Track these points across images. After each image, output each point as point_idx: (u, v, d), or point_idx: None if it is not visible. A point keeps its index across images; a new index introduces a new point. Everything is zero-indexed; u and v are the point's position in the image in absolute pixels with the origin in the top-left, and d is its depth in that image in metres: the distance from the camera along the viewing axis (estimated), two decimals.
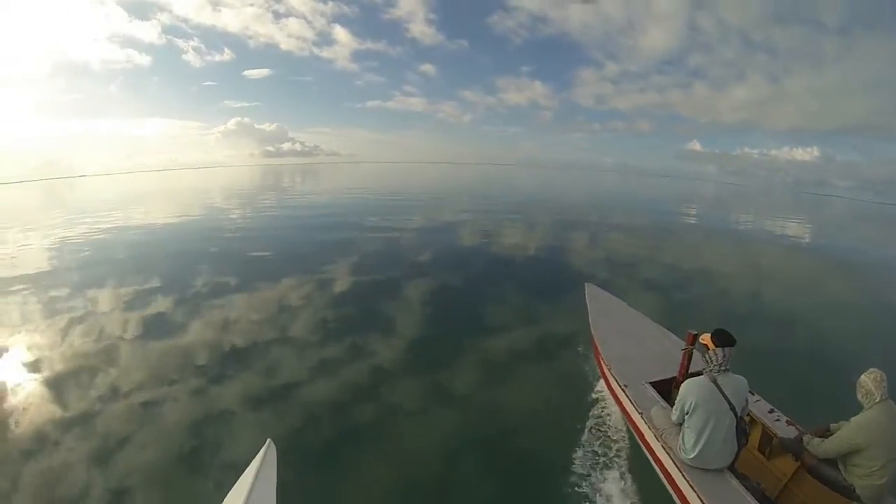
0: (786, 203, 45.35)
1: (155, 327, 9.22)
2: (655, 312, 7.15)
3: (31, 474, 5.22)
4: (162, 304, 10.53)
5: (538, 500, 4.68)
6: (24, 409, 6.51)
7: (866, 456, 3.33)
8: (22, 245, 19.34)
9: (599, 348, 5.92)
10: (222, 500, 3.81)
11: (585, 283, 7.84)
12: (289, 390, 6.76)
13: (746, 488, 3.54)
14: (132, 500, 4.80)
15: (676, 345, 5.35)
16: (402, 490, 4.84)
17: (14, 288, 12.23)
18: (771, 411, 4.43)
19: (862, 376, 3.50)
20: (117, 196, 46.14)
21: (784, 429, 4.17)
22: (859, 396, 3.49)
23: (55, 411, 6.41)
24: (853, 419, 3.50)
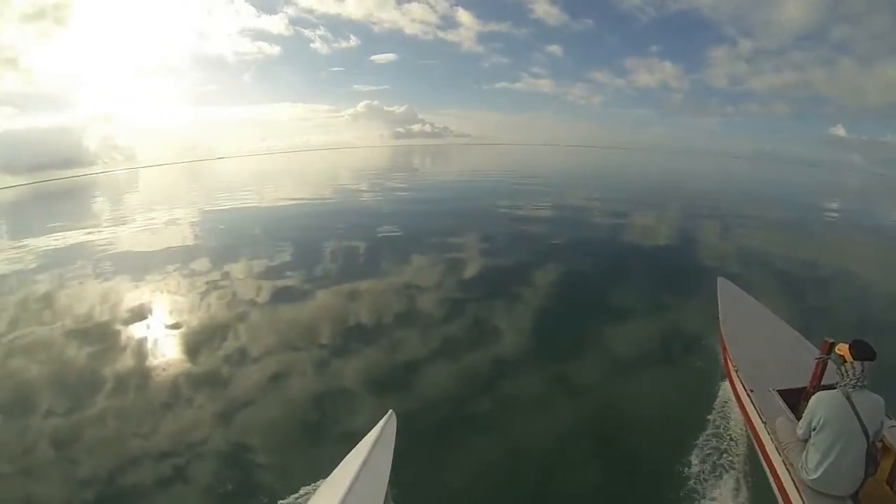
0: None
1: (284, 299, 10.12)
2: (790, 314, 6.43)
3: (167, 423, 6.05)
4: (291, 277, 11.52)
5: (645, 500, 4.54)
6: (164, 367, 7.53)
7: None
8: (168, 220, 22.45)
9: (728, 347, 5.55)
10: (341, 461, 4.31)
11: (718, 277, 7.36)
12: (410, 367, 7.09)
13: None
14: (254, 453, 5.38)
15: (810, 352, 4.81)
16: (509, 475, 4.93)
17: (159, 257, 14.22)
18: None
19: None
20: (252, 176, 51.01)
21: None
22: None
23: (190, 370, 7.36)
24: None
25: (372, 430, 4.53)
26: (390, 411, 4.80)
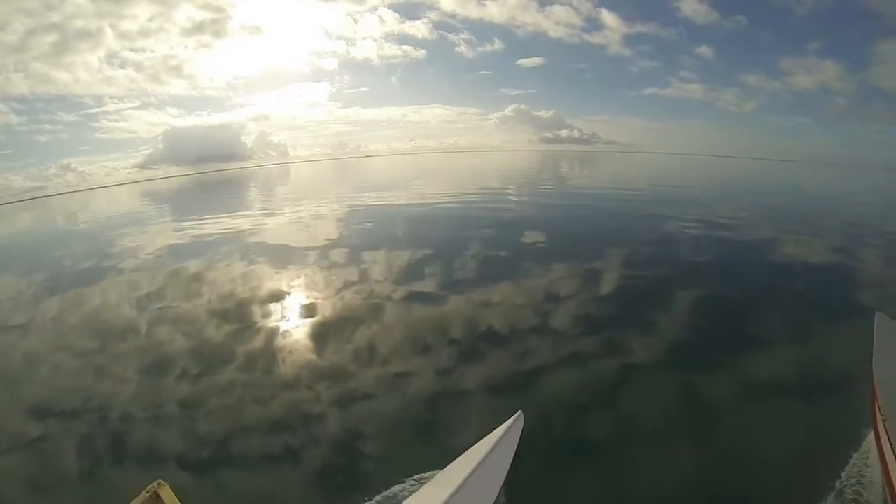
0: None
1: (419, 298, 10.36)
2: None
3: (282, 403, 6.58)
4: (428, 277, 11.74)
5: None
6: (290, 351, 8.15)
7: None
8: (314, 213, 24.24)
9: (878, 392, 4.98)
10: (464, 452, 4.52)
11: (876, 313, 6.52)
12: (538, 378, 7.05)
13: None
14: (370, 440, 5.70)
15: None
16: (619, 500, 4.84)
17: (302, 248, 15.06)
18: None
19: None
20: (399, 174, 52.47)
21: None
22: None
23: (317, 357, 7.89)
24: None
25: (498, 428, 4.65)
26: (519, 412, 4.87)
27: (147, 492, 2.67)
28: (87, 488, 5.25)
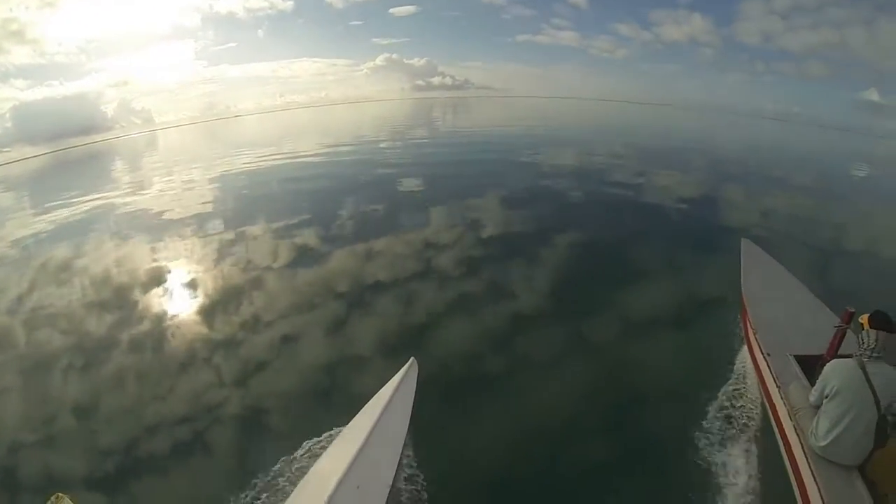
0: None
1: (302, 258, 10.25)
2: (813, 281, 6.28)
3: (185, 385, 6.28)
4: (308, 236, 11.63)
5: (658, 463, 4.60)
6: (183, 331, 7.73)
7: None
8: (186, 179, 22.79)
9: (748, 309, 5.49)
10: (362, 408, 4.47)
11: (742, 239, 7.22)
12: (429, 323, 7.25)
13: (872, 495, 3.16)
14: (274, 407, 5.63)
15: (830, 320, 4.68)
16: (523, 428, 5.08)
17: (176, 221, 14.37)
18: None
19: None
20: (271, 132, 50.38)
21: None
22: None
23: (208, 333, 7.55)
24: None
25: (393, 377, 4.69)
26: (412, 359, 4.95)
27: None
28: None
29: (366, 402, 4.53)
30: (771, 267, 6.52)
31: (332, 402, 5.55)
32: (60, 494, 2.52)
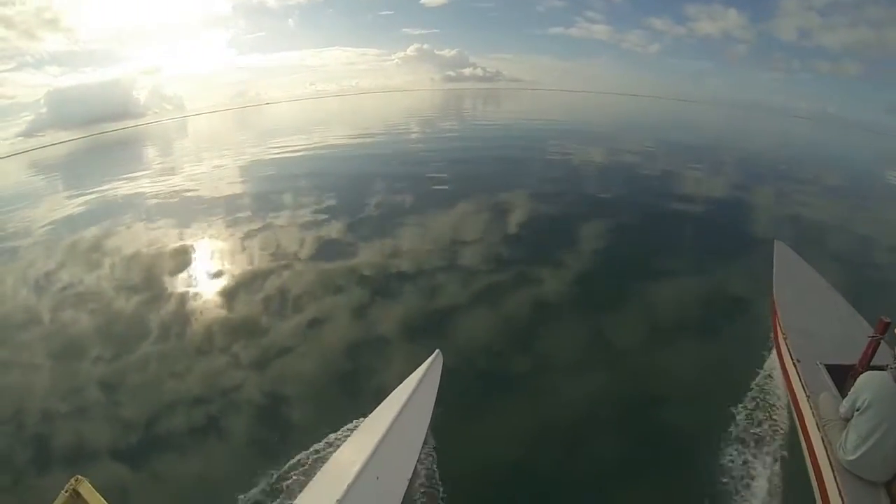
0: None
1: (328, 245, 10.35)
2: (847, 288, 6.07)
3: (205, 368, 6.41)
4: (336, 224, 11.71)
5: (679, 465, 4.53)
6: (203, 310, 7.97)
7: None
8: (216, 165, 23.10)
9: (779, 314, 5.36)
10: (385, 398, 4.55)
11: (775, 241, 7.00)
12: (454, 316, 7.23)
13: None
14: (295, 396, 5.70)
15: (864, 330, 4.56)
16: (544, 424, 5.07)
17: (205, 206, 14.61)
18: None
19: None
20: (300, 120, 50.67)
21: None
22: None
23: (233, 317, 7.67)
24: None
25: (418, 369, 4.71)
26: (437, 351, 4.96)
27: (66, 491, 2.43)
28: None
29: (389, 393, 4.57)
30: (804, 271, 6.35)
31: (355, 391, 5.60)
32: (80, 477, 2.51)
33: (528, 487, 4.40)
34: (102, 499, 2.50)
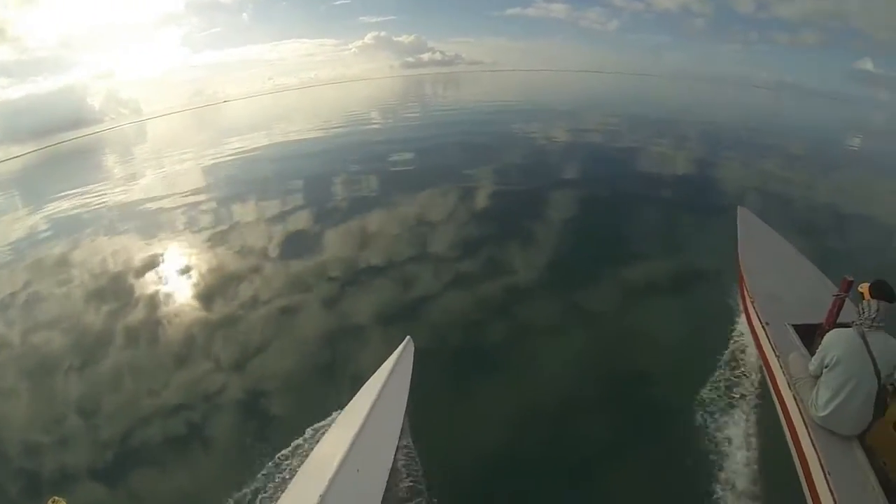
0: None
1: (295, 240, 10.22)
2: (810, 250, 6.22)
3: (180, 374, 6.30)
4: (302, 218, 11.58)
5: (657, 433, 4.63)
6: (174, 315, 7.80)
7: None
8: (177, 169, 22.49)
9: (745, 278, 5.45)
10: (359, 390, 4.50)
11: (738, 207, 7.08)
12: (425, 300, 7.25)
13: (871, 466, 3.16)
14: (273, 393, 5.66)
15: (828, 289, 4.66)
16: (522, 404, 5.08)
17: (169, 210, 14.27)
18: None
19: None
20: (260, 117, 49.88)
21: None
22: None
23: (205, 319, 7.54)
24: None
25: (389, 357, 4.68)
26: (408, 337, 4.94)
27: None
28: None
29: (363, 383, 4.54)
30: (768, 235, 6.45)
31: (332, 384, 5.55)
32: (57, 498, 2.49)
33: (511, 467, 4.42)
34: None
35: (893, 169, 19.25)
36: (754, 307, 5.00)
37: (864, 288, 3.38)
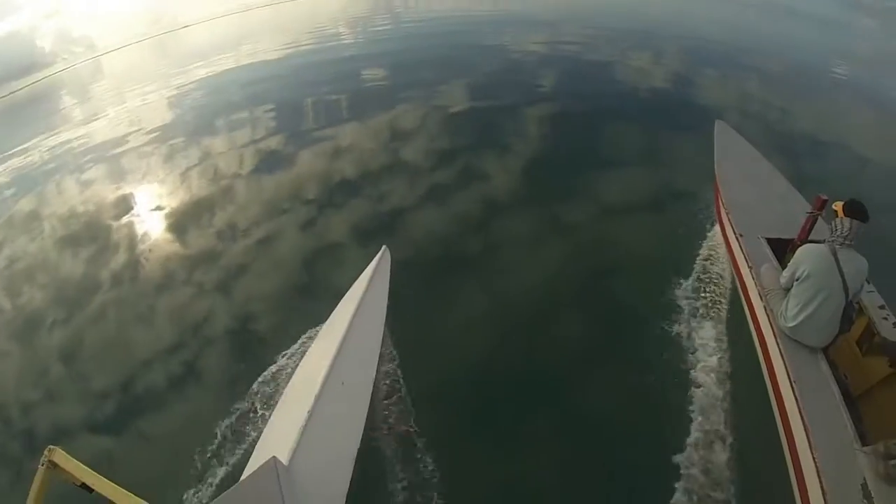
0: None
1: (268, 165, 10.08)
2: (786, 167, 6.20)
3: (163, 305, 6.43)
4: (274, 142, 11.30)
5: (633, 338, 4.82)
6: (153, 251, 7.84)
7: None
8: (138, 102, 21.44)
9: (721, 190, 5.47)
10: (340, 300, 4.63)
11: (716, 120, 6.94)
12: (402, 213, 7.29)
13: (834, 377, 3.33)
14: (259, 315, 5.77)
15: (802, 206, 4.72)
16: (500, 309, 5.25)
17: (138, 146, 13.86)
18: (881, 307, 3.90)
19: None
20: (224, 40, 46.90)
21: (889, 330, 3.68)
22: None
23: (185, 252, 7.61)
24: None
25: (367, 268, 4.77)
26: (384, 247, 5.07)
27: (42, 465, 2.39)
28: None
29: (342, 297, 4.62)
30: (745, 149, 6.42)
31: (313, 299, 5.69)
32: (52, 447, 2.50)
33: (489, 374, 4.59)
34: (80, 464, 2.51)
35: (877, 99, 19.11)
36: (729, 218, 5.05)
37: (838, 206, 3.41)
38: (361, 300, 4.22)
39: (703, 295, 5.12)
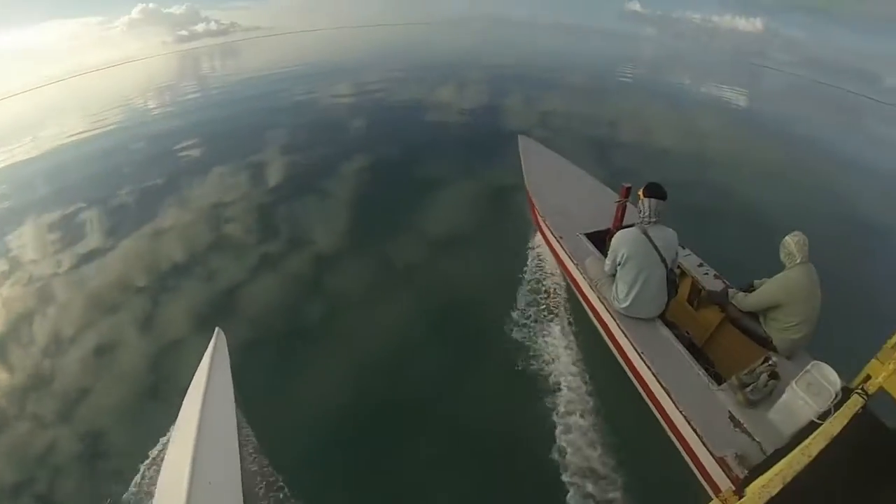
0: (724, 69, 42.22)
1: (86, 258, 8.34)
2: (592, 168, 6.83)
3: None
4: (89, 232, 9.47)
5: (486, 357, 4.89)
6: None
7: (785, 312, 3.44)
8: None
9: (534, 200, 5.78)
10: (184, 399, 3.98)
11: (518, 136, 7.39)
12: (233, 291, 6.61)
13: (676, 336, 3.72)
14: (106, 435, 4.75)
15: (611, 198, 5.19)
16: (351, 369, 4.95)
17: None
18: (700, 265, 4.50)
19: (786, 238, 3.50)
20: (23, 119, 40.92)
21: (712, 282, 4.27)
22: (782, 256, 3.53)
23: (9, 382, 5.83)
24: (775, 277, 3.56)
25: (204, 355, 4.35)
26: (216, 329, 4.61)
27: None
28: None
29: (186, 392, 4.14)
30: (549, 158, 6.89)
31: (159, 401, 4.94)
32: None
33: (358, 424, 4.38)
34: None
35: (659, 94, 22.66)
36: (546, 224, 5.36)
37: (640, 191, 3.78)
38: (206, 390, 3.86)
39: (540, 298, 5.42)
